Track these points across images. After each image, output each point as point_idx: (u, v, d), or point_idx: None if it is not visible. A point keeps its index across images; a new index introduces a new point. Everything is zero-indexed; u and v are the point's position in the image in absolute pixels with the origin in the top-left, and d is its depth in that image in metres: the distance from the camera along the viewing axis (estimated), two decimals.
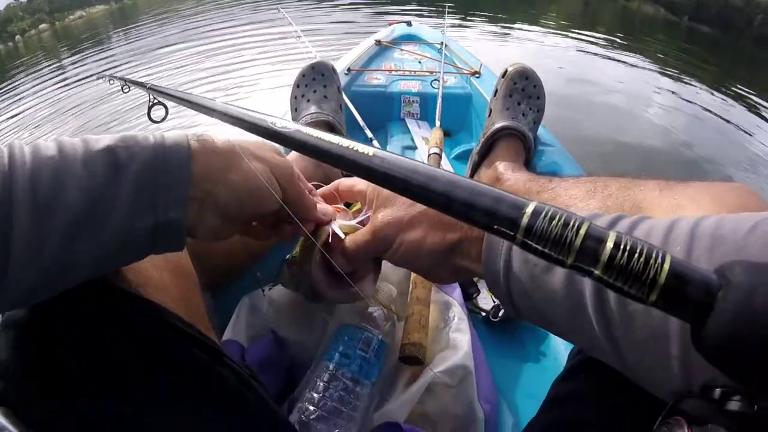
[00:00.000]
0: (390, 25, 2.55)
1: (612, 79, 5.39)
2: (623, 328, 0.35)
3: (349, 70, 1.79)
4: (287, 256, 0.68)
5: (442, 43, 2.05)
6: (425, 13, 8.13)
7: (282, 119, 0.48)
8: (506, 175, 1.04)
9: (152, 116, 0.81)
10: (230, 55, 6.16)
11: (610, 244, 0.25)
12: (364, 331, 0.72)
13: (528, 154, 1.14)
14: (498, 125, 1.12)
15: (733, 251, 0.31)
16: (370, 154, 0.38)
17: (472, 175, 1.18)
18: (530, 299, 0.43)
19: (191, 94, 0.64)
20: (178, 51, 6.89)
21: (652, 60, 6.67)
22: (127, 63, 7.02)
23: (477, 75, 1.74)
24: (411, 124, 1.66)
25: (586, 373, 0.55)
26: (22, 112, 5.75)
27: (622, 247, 0.25)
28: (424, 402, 0.71)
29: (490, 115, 1.19)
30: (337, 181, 0.68)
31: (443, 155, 1.25)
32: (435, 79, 1.66)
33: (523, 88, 1.17)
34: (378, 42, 2.13)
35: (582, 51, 6.78)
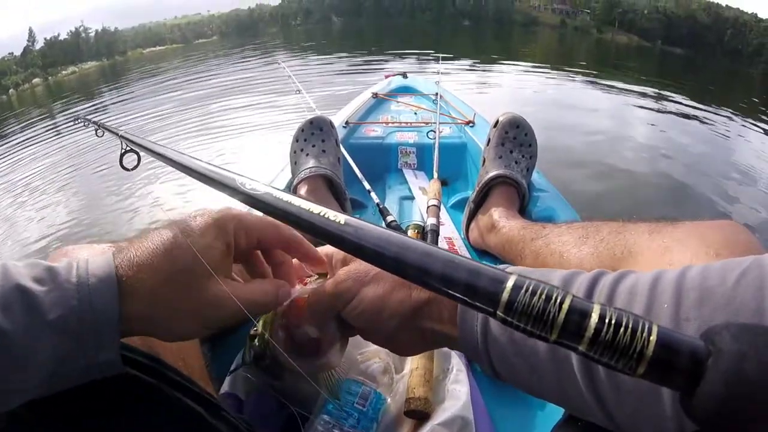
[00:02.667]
0: (386, 77, 2.59)
1: (594, 110, 5.51)
2: (613, 392, 0.33)
3: (347, 123, 1.81)
4: (251, 331, 0.63)
5: (436, 94, 2.08)
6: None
7: (252, 180, 0.45)
8: (501, 223, 1.04)
9: (124, 164, 0.80)
10: (229, 109, 6.24)
11: (594, 318, 0.24)
12: (361, 384, 0.70)
13: (522, 201, 1.14)
14: (491, 174, 1.12)
15: (722, 304, 0.30)
16: (342, 222, 0.35)
17: (468, 224, 1.18)
18: (512, 364, 0.41)
19: (162, 146, 0.62)
20: (176, 110, 6.93)
21: (630, 86, 6.80)
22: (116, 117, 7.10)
23: (471, 124, 1.75)
24: (408, 174, 1.66)
25: (585, 420, 0.53)
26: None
27: (607, 321, 0.23)
28: None
29: (484, 164, 1.19)
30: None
31: (441, 205, 1.24)
32: (431, 130, 1.67)
33: (515, 137, 1.17)
34: (375, 95, 2.16)
35: (562, 85, 6.92)
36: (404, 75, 2.57)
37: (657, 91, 6.66)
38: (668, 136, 4.76)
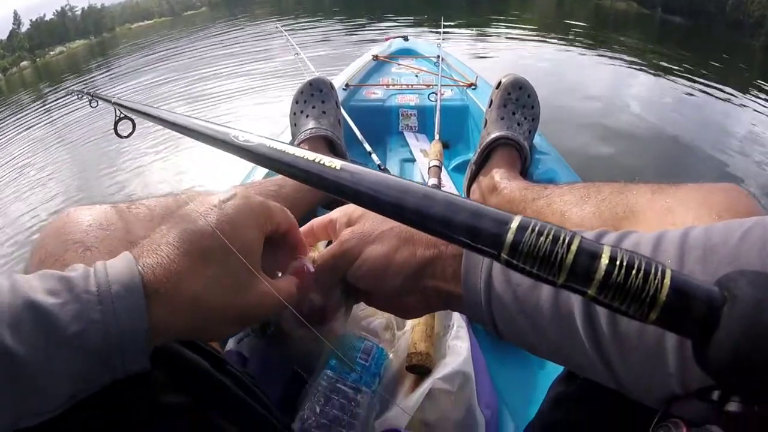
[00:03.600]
0: (387, 40, 2.54)
1: (592, 76, 5.45)
2: (617, 348, 0.33)
3: (347, 85, 1.78)
4: None
5: (438, 56, 2.04)
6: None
7: (245, 132, 0.43)
8: (503, 184, 1.03)
9: (119, 131, 0.79)
10: (230, 74, 6.15)
11: (605, 260, 0.22)
12: (364, 340, 0.71)
13: (524, 163, 1.13)
14: (493, 135, 1.10)
15: (727, 261, 0.29)
16: (338, 167, 0.34)
17: (469, 185, 1.17)
18: (515, 322, 0.40)
19: (155, 108, 0.61)
20: (174, 77, 6.80)
21: (630, 53, 6.72)
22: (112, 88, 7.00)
23: (473, 87, 1.72)
24: (409, 137, 1.64)
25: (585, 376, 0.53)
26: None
27: (618, 262, 0.22)
28: (424, 409, 0.69)
29: (486, 126, 1.17)
30: (311, 221, 0.58)
31: (442, 167, 1.23)
32: (432, 92, 1.65)
33: (517, 98, 1.15)
34: (375, 57, 2.13)
35: (560, 51, 6.83)
36: (405, 38, 2.53)
37: (657, 59, 6.56)
38: (668, 102, 4.70)
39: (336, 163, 0.34)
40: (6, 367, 0.33)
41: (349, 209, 0.54)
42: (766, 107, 4.83)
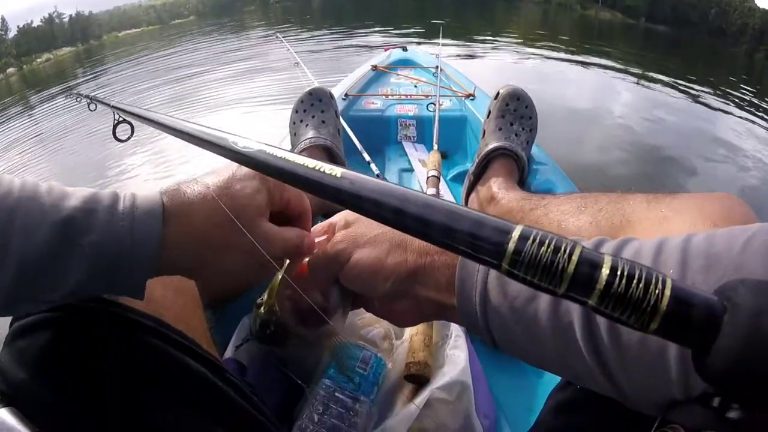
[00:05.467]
0: (386, 50, 2.56)
1: (578, 86, 5.50)
2: (618, 359, 0.33)
3: (346, 95, 1.79)
4: (257, 300, 0.64)
5: (437, 67, 2.05)
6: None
7: (245, 138, 0.43)
8: (500, 194, 1.03)
9: (117, 135, 0.79)
10: (229, 82, 6.15)
11: (606, 270, 0.22)
12: (362, 349, 0.71)
13: (522, 173, 1.14)
14: (491, 146, 1.11)
15: (731, 270, 0.29)
16: (338, 175, 0.33)
17: (467, 196, 1.17)
18: (512, 333, 0.40)
19: (154, 113, 0.61)
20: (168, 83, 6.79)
21: (616, 62, 6.78)
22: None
23: (471, 97, 1.73)
24: (408, 147, 1.65)
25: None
26: None
27: (619, 272, 0.22)
28: (422, 418, 0.69)
29: (484, 137, 1.18)
30: (312, 228, 0.59)
31: (441, 177, 1.24)
32: (431, 103, 1.65)
33: (515, 109, 1.16)
34: (374, 67, 2.14)
35: (547, 61, 6.87)
36: (404, 48, 2.54)
37: (642, 67, 6.65)
38: (654, 113, 4.75)
39: (336, 170, 0.34)
40: (17, 261, 0.39)
41: (347, 213, 0.54)
42: (749, 111, 4.90)
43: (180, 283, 0.60)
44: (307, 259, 0.54)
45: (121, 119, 0.78)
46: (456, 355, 0.74)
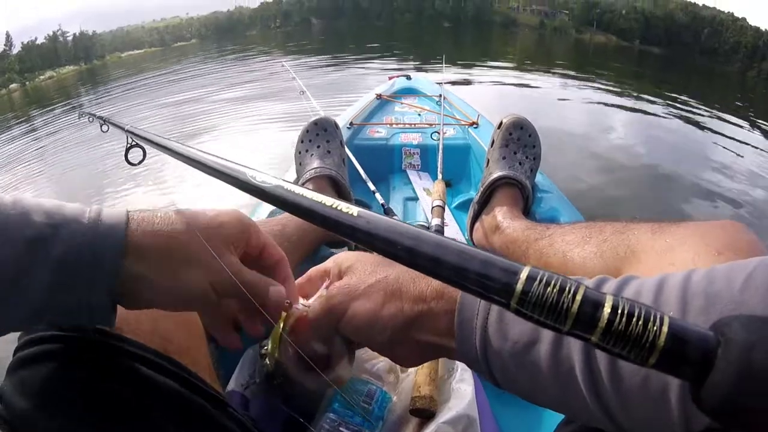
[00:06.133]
0: (390, 79, 2.59)
1: (575, 110, 5.57)
2: (619, 401, 0.33)
3: (351, 124, 1.81)
4: (261, 350, 0.64)
5: (440, 95, 2.07)
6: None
7: (262, 173, 0.43)
8: (505, 224, 1.03)
9: (129, 158, 0.80)
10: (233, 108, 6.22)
11: (607, 309, 0.24)
12: (367, 383, 0.70)
13: (526, 202, 1.14)
14: (495, 175, 1.11)
15: (730, 309, 0.30)
16: (354, 214, 0.35)
17: (472, 225, 1.17)
18: (513, 376, 0.41)
19: (169, 140, 0.61)
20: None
21: (611, 85, 6.86)
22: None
23: (475, 125, 1.75)
24: (412, 175, 1.66)
25: None
26: None
27: (619, 311, 0.23)
28: None
29: (488, 165, 1.19)
30: (309, 271, 0.60)
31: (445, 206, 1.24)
32: (435, 131, 1.67)
33: (519, 138, 1.17)
34: (379, 96, 2.16)
35: (543, 86, 6.95)
36: (408, 77, 2.57)
37: (638, 89, 6.75)
38: (651, 134, 4.83)
39: (353, 209, 0.35)
40: None
41: (340, 259, 0.55)
42: (743, 126, 4.97)
43: (184, 315, 0.60)
44: (308, 309, 0.54)
45: (134, 143, 0.78)
46: (462, 389, 0.73)
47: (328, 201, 0.36)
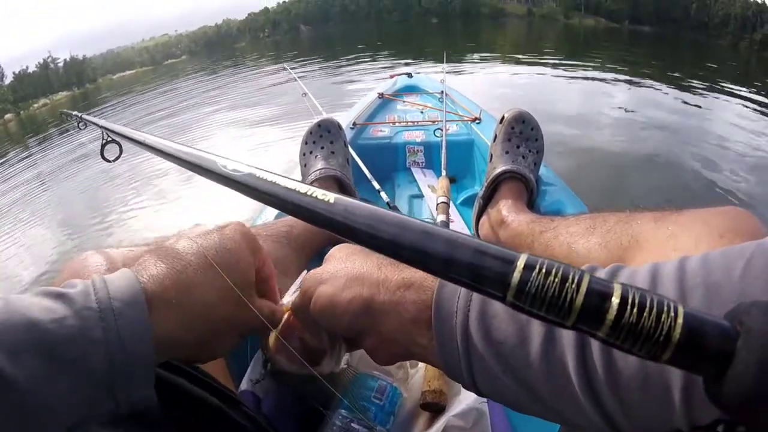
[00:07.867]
0: (392, 77, 2.58)
1: (569, 97, 5.59)
2: (617, 401, 0.31)
3: (354, 124, 1.80)
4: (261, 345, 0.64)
5: (442, 92, 2.07)
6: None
7: (235, 161, 0.40)
8: (510, 217, 1.03)
9: (105, 155, 0.79)
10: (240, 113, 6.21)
11: (616, 300, 0.21)
12: (378, 379, 0.70)
13: (531, 195, 1.13)
14: (499, 170, 1.11)
15: (732, 301, 0.27)
16: (331, 201, 0.31)
17: (477, 220, 1.17)
18: (499, 381, 0.37)
19: (143, 134, 0.60)
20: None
21: (604, 68, 6.85)
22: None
23: (477, 121, 1.74)
24: (417, 172, 1.65)
25: None
26: None
27: (630, 302, 0.21)
28: None
29: (491, 160, 1.18)
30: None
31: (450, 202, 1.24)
32: (438, 128, 1.66)
33: (521, 132, 1.16)
34: (381, 95, 2.16)
35: (537, 74, 6.95)
36: (409, 75, 2.56)
37: (630, 71, 6.74)
38: (648, 114, 4.79)
39: (329, 196, 0.32)
40: (4, 395, 0.31)
41: (333, 250, 0.54)
42: (736, 102, 5.09)
43: None
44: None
45: (109, 139, 0.77)
46: None
47: (303, 188, 0.34)
